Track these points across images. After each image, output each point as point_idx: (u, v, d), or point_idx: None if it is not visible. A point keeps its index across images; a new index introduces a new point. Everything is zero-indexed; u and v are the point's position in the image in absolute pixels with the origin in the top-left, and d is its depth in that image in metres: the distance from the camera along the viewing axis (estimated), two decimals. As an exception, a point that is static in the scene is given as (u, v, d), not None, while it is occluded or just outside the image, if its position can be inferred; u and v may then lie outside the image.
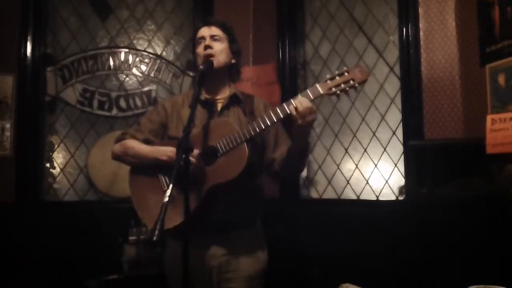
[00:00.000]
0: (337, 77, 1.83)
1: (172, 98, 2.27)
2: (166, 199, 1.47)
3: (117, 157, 2.13)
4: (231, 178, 1.86)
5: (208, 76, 2.01)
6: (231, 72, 2.14)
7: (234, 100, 2.09)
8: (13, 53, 3.41)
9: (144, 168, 2.04)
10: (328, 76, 1.84)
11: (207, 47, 2.02)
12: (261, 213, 2.11)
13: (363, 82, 1.82)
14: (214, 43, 2.03)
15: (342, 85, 1.82)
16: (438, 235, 2.48)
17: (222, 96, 2.10)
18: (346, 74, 1.82)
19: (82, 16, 3.70)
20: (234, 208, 1.94)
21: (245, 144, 1.87)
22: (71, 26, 3.68)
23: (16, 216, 3.26)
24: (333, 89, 1.82)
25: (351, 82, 1.81)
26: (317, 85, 1.84)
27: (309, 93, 1.83)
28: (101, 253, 3.08)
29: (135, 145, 2.07)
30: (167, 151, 1.95)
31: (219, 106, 2.08)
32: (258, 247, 2.06)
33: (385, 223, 2.82)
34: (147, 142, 2.08)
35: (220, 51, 2.04)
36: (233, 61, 2.12)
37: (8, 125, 3.38)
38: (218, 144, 1.90)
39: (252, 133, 1.86)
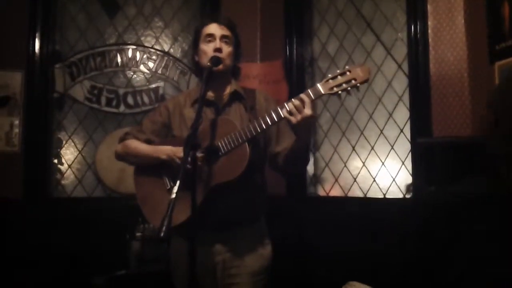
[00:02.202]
0: (339, 77, 1.82)
1: (174, 98, 2.30)
2: (173, 195, 1.48)
3: (119, 156, 2.20)
4: (233, 178, 1.87)
5: (211, 74, 2.03)
6: (232, 71, 2.16)
7: (235, 96, 2.10)
8: (21, 50, 3.43)
9: (147, 167, 2.07)
10: (329, 75, 1.84)
11: (218, 50, 2.03)
12: (265, 209, 2.12)
13: (364, 82, 1.81)
14: (224, 46, 2.04)
15: (344, 85, 1.81)
16: (446, 234, 2.46)
17: (224, 93, 2.11)
18: (348, 73, 1.81)
19: (90, 13, 3.71)
20: (237, 206, 1.96)
21: (247, 143, 1.88)
22: (79, 23, 3.69)
23: (24, 212, 3.28)
24: (335, 88, 1.82)
25: (353, 81, 1.81)
26: (319, 85, 1.84)
27: (310, 93, 1.83)
28: (108, 249, 3.10)
29: (136, 145, 2.11)
30: (166, 150, 1.98)
31: (221, 103, 2.09)
32: (262, 243, 2.07)
33: (392, 221, 2.81)
34: (148, 142, 2.11)
35: (228, 54, 2.06)
36: (235, 63, 2.14)
37: (16, 122, 3.40)
38: (219, 144, 1.91)
39: (254, 132, 1.87)
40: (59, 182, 3.57)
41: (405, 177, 3.10)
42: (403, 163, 3.11)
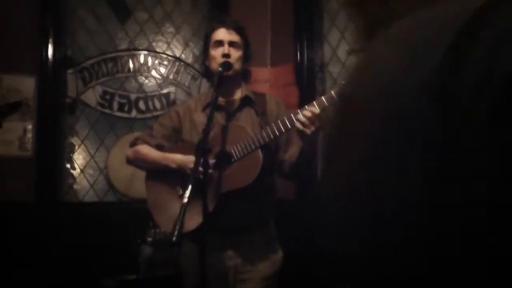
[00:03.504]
0: None
1: (184, 102, 2.31)
2: (185, 200, 1.48)
3: (129, 161, 2.20)
4: (246, 184, 1.87)
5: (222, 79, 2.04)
6: (243, 74, 2.16)
7: (246, 101, 2.11)
8: (34, 56, 3.46)
9: (158, 172, 2.08)
10: (343, 82, 1.84)
11: (226, 55, 2.04)
12: (274, 212, 2.12)
13: None
14: (232, 51, 2.05)
15: None
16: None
17: (234, 98, 2.12)
18: None
19: (101, 19, 3.73)
20: (248, 212, 1.96)
21: (259, 150, 1.88)
22: (90, 28, 3.71)
23: (37, 216, 3.30)
24: None
25: None
26: (333, 92, 1.84)
27: (325, 101, 1.84)
28: (119, 253, 3.11)
29: (146, 151, 2.11)
30: (176, 160, 1.98)
31: (232, 108, 2.09)
32: (272, 247, 2.08)
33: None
34: (159, 147, 2.12)
35: (237, 59, 2.06)
36: (245, 66, 2.15)
37: (29, 127, 3.43)
38: (232, 150, 1.91)
39: (267, 139, 1.87)
40: (71, 186, 3.59)
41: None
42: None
